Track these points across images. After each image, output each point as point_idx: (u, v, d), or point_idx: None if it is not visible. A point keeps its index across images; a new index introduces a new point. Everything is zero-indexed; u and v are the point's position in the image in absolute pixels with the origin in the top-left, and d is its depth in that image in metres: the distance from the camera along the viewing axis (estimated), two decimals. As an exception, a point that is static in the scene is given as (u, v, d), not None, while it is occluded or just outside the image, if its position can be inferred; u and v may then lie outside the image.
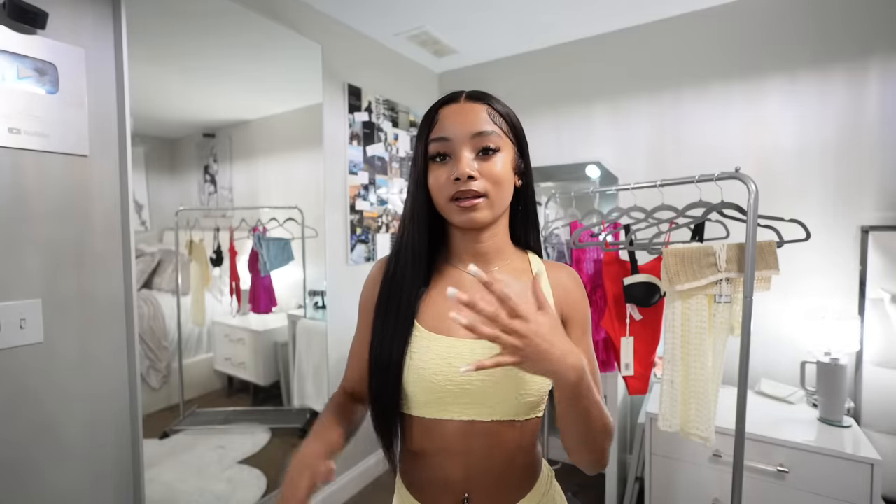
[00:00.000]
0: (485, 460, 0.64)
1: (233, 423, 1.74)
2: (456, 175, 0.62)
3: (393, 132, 2.37)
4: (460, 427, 0.64)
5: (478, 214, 0.63)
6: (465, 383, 0.62)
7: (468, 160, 0.63)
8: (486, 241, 0.69)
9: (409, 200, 0.69)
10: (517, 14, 2.02)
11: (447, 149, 0.64)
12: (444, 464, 0.65)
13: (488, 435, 0.64)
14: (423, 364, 0.64)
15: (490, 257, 0.70)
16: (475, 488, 0.65)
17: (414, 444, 0.68)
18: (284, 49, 1.80)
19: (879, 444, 1.49)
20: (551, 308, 0.55)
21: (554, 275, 0.72)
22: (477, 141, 0.63)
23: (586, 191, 1.68)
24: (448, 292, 0.50)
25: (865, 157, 1.69)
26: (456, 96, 0.68)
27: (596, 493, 2.11)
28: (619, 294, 1.50)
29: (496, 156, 0.64)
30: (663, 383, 1.28)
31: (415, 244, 0.68)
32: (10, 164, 1.06)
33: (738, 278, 1.17)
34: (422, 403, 0.65)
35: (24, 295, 1.09)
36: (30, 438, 1.10)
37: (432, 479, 0.67)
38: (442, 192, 0.64)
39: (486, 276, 0.51)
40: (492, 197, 0.64)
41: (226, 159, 1.65)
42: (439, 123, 0.66)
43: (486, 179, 0.63)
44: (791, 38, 1.81)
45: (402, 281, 0.68)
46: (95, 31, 1.20)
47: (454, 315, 0.50)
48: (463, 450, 0.64)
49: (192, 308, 1.58)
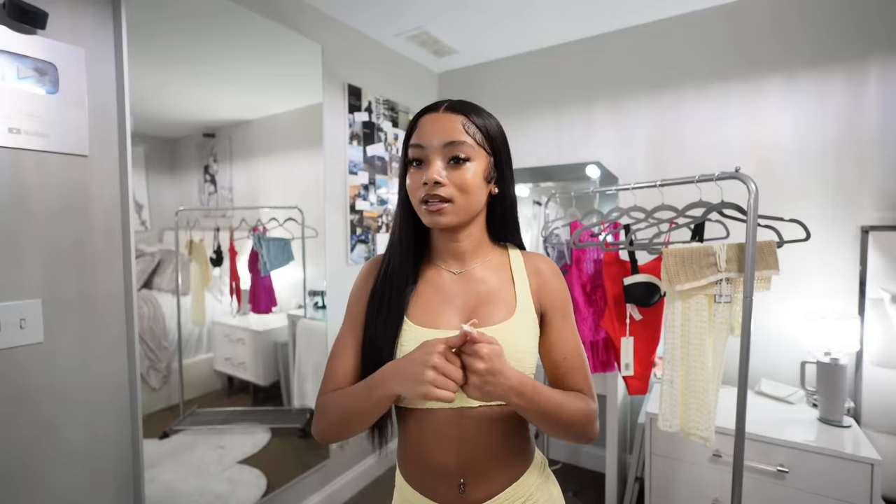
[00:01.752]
0: (477, 444, 0.68)
1: (233, 423, 1.74)
2: (424, 180, 0.67)
3: (393, 132, 2.37)
4: (451, 414, 0.68)
5: (442, 218, 0.68)
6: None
7: (437, 167, 0.67)
8: (463, 241, 0.74)
9: (398, 202, 0.76)
10: (517, 14, 2.02)
11: (422, 155, 0.69)
12: (439, 451, 0.69)
13: (478, 420, 0.68)
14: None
15: (468, 255, 0.75)
16: (470, 473, 0.68)
17: (409, 434, 0.72)
18: (285, 49, 1.80)
19: (879, 444, 1.49)
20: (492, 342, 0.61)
21: (531, 264, 0.77)
22: (448, 150, 0.68)
23: (586, 191, 1.68)
24: (463, 328, 0.58)
25: (865, 157, 1.69)
26: (437, 106, 0.72)
27: (596, 493, 2.11)
28: (619, 294, 1.50)
29: (465, 164, 0.68)
30: (663, 383, 1.28)
31: (402, 243, 0.74)
32: (10, 164, 1.06)
33: (738, 278, 1.17)
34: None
35: (24, 295, 1.09)
36: (30, 438, 1.10)
37: (428, 467, 0.70)
38: (414, 195, 0.70)
39: (467, 333, 0.59)
40: (457, 203, 0.68)
41: (226, 159, 1.65)
42: (418, 131, 0.70)
43: (454, 186, 0.68)
44: (790, 39, 1.81)
45: (391, 279, 0.73)
46: (95, 31, 1.20)
47: (466, 328, 0.58)
48: (455, 436, 0.68)
49: (192, 308, 1.58)
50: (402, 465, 0.75)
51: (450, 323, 0.70)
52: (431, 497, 0.70)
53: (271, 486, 1.73)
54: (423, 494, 0.70)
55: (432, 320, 0.70)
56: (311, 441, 1.94)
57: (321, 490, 1.97)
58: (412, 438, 0.71)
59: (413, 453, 0.72)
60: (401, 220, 0.75)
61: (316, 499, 1.94)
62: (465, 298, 0.72)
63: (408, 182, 0.71)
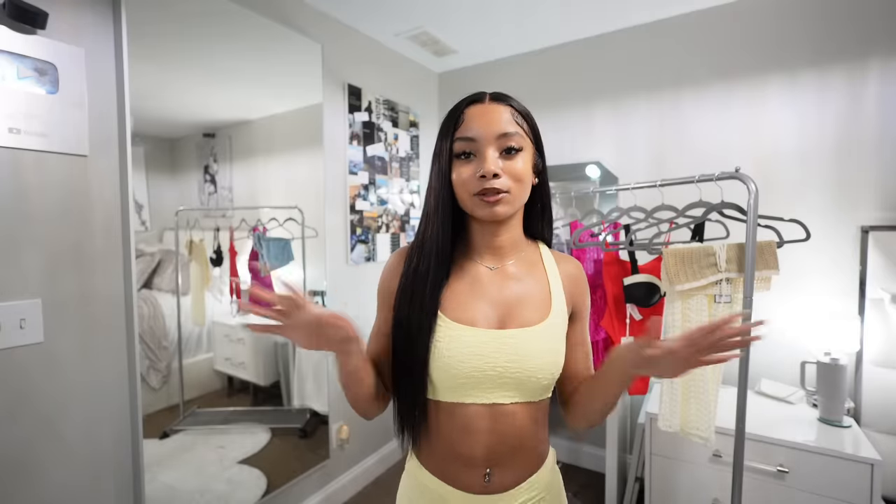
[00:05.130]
0: (505, 438, 0.70)
1: (233, 423, 1.74)
2: (482, 173, 0.66)
3: (393, 132, 2.37)
4: (483, 409, 0.69)
5: (500, 209, 0.68)
6: (488, 370, 0.68)
7: (493, 159, 0.67)
8: (503, 235, 0.74)
9: (431, 195, 0.73)
10: (517, 14, 2.02)
11: (472, 147, 0.69)
12: (467, 443, 0.70)
13: (508, 415, 0.70)
14: (449, 353, 0.68)
15: (506, 250, 0.75)
16: (496, 464, 0.70)
17: (437, 426, 0.72)
18: (284, 49, 1.80)
19: (879, 444, 1.49)
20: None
21: (564, 267, 0.79)
22: (502, 141, 0.68)
23: (586, 191, 1.68)
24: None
25: (865, 158, 1.69)
26: (480, 97, 0.72)
27: (596, 493, 2.11)
28: (619, 294, 1.50)
29: (519, 155, 0.69)
30: (663, 383, 1.28)
31: (439, 237, 0.71)
32: (10, 164, 1.06)
33: (738, 278, 1.17)
34: (446, 389, 0.70)
35: (24, 295, 1.09)
36: (30, 438, 1.10)
37: (455, 458, 0.71)
38: (466, 188, 0.69)
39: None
40: (513, 193, 0.69)
41: (226, 159, 1.65)
42: (465, 123, 0.69)
43: (509, 177, 0.68)
44: (791, 39, 1.81)
45: (426, 273, 0.71)
46: (95, 31, 1.20)
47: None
48: (486, 429, 0.69)
49: (192, 308, 1.58)
50: (425, 456, 0.76)
51: (487, 318, 0.70)
52: (454, 485, 0.71)
53: (271, 486, 1.73)
54: (444, 482, 0.72)
55: (468, 317, 0.70)
56: (311, 441, 1.94)
57: (321, 490, 1.97)
58: (443, 430, 0.72)
59: (442, 444, 0.72)
60: (441, 214, 0.71)
61: (316, 499, 1.94)
62: (501, 296, 0.72)
63: (456, 176, 0.70)
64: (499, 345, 0.68)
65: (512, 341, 0.68)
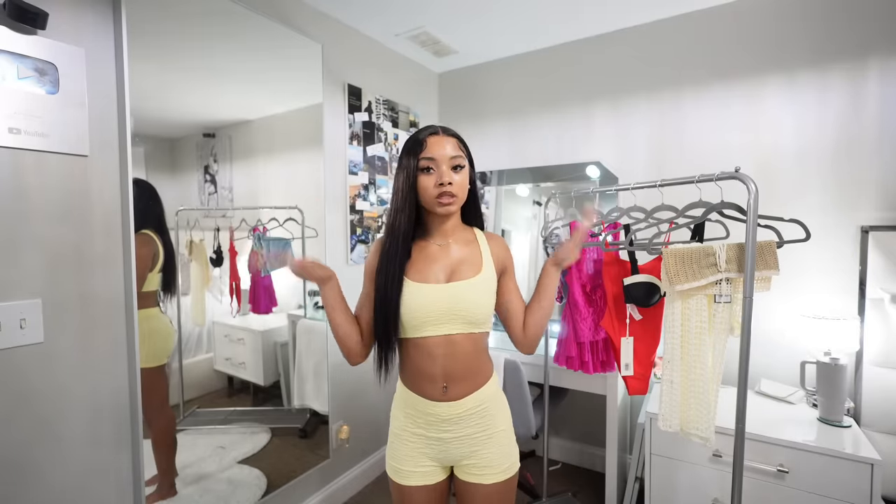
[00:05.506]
0: (456, 359, 1.00)
1: (233, 423, 1.74)
2: (440, 182, 0.97)
3: (393, 132, 2.37)
4: (439, 339, 0.99)
5: (452, 207, 1.01)
6: (440, 310, 0.98)
7: (448, 173, 0.98)
8: (448, 224, 1.06)
9: (399, 197, 1.01)
10: (517, 14, 2.02)
11: (433, 164, 0.98)
12: (430, 364, 1.00)
13: (458, 343, 1.00)
14: (413, 301, 0.98)
15: (450, 233, 1.06)
16: (450, 379, 1.00)
17: (409, 355, 1.03)
18: (284, 49, 1.80)
19: (879, 444, 1.49)
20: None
21: (492, 242, 1.10)
22: (452, 161, 0.99)
23: (586, 191, 1.68)
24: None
25: (865, 157, 1.69)
26: (436, 130, 1.01)
27: (596, 493, 2.12)
28: (619, 294, 1.50)
29: (462, 171, 1.01)
30: (663, 383, 1.28)
31: (404, 226, 1.01)
32: (10, 164, 1.06)
33: (738, 278, 1.17)
34: (412, 327, 1.00)
35: (24, 295, 1.09)
36: (30, 438, 1.10)
37: (422, 376, 1.01)
38: (429, 193, 0.99)
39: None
40: (458, 197, 1.01)
41: (226, 159, 1.64)
42: (428, 148, 0.99)
43: (457, 186, 0.99)
44: (790, 39, 1.81)
45: (395, 252, 1.00)
46: (95, 31, 1.20)
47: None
48: (442, 354, 0.99)
49: (192, 308, 1.58)
50: (402, 377, 1.07)
51: (437, 278, 1.01)
52: (423, 395, 1.01)
53: (271, 486, 1.73)
54: (416, 393, 1.02)
55: (423, 276, 1.01)
56: (311, 441, 1.95)
57: (321, 490, 1.97)
58: (412, 357, 1.02)
59: (412, 367, 1.02)
60: (408, 209, 1.00)
61: (316, 499, 1.94)
62: (447, 262, 1.03)
63: (422, 184, 0.99)
64: (446, 294, 0.98)
65: (455, 290, 0.99)
